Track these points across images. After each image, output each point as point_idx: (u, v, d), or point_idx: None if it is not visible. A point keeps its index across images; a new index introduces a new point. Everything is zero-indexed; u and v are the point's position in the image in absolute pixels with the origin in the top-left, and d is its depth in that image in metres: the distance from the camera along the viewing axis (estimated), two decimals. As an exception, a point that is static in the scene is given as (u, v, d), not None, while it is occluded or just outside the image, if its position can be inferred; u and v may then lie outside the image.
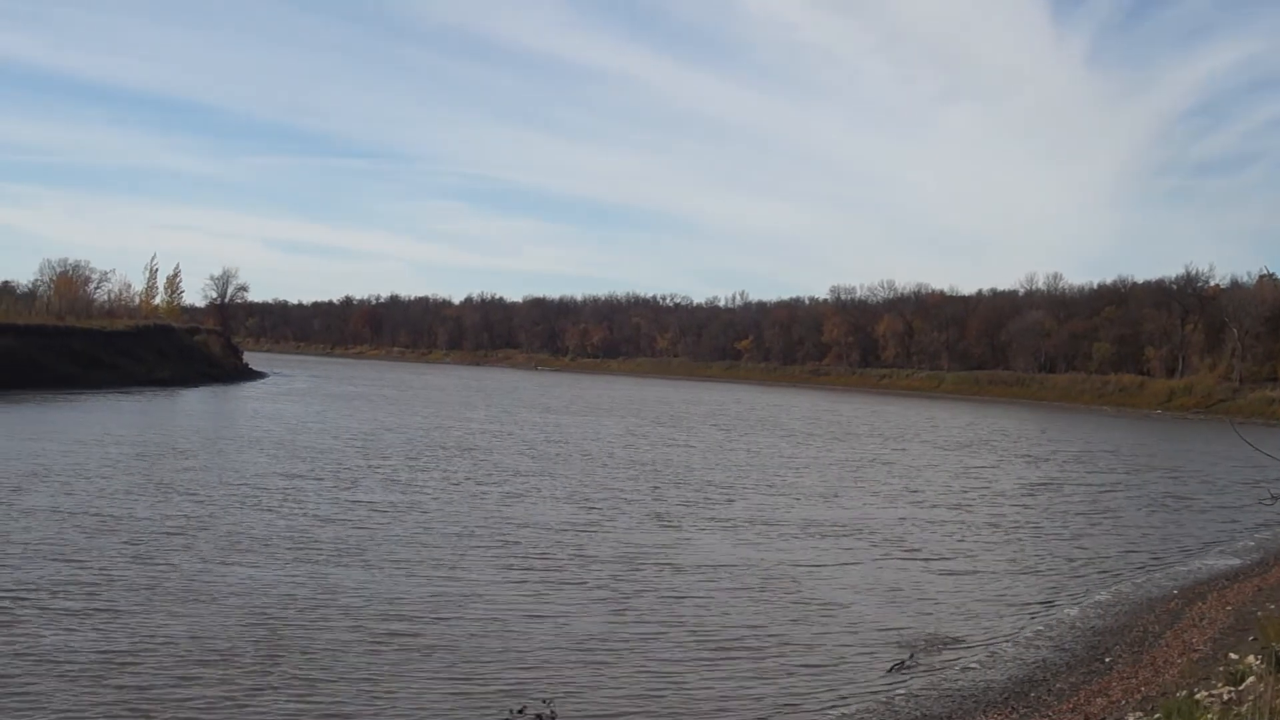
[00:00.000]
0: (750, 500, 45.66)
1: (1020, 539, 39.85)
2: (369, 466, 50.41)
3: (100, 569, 27.21)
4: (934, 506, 46.99)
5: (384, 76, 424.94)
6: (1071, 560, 36.00)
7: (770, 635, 24.64)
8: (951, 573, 32.89)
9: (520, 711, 12.63)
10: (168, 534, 32.02)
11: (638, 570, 30.45)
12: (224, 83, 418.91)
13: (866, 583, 30.73)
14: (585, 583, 28.73)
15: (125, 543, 30.39)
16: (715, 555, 33.24)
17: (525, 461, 56.47)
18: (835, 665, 22.60)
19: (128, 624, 22.48)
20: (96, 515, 34.45)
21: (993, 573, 33.25)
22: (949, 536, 39.36)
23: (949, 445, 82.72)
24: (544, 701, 13.68)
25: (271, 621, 23.27)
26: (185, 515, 35.18)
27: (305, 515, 36.56)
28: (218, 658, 20.64)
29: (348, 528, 34.64)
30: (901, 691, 20.94)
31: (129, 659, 20.29)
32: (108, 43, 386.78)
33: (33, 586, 25.15)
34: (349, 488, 43.35)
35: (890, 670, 22.36)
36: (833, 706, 20.01)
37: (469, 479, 48.03)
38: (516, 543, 33.59)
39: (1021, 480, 59.75)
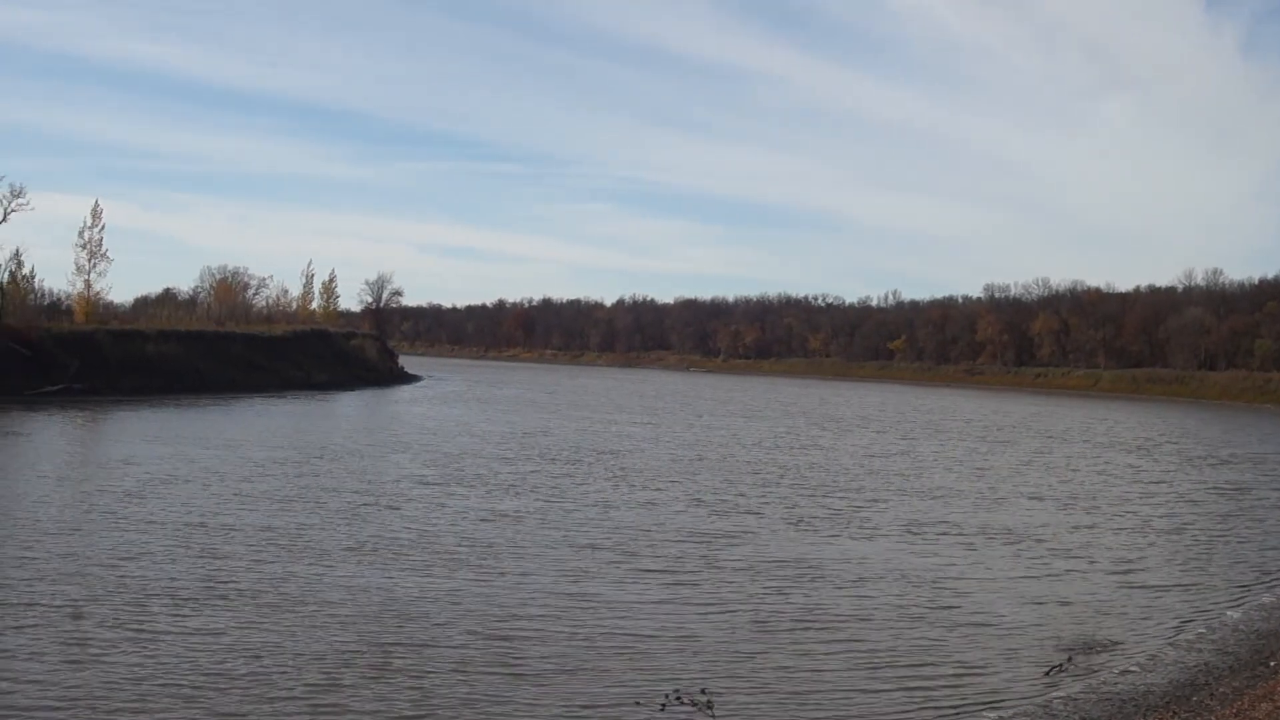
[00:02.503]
0: (900, 503, 44.77)
1: (1180, 541, 38.31)
2: (513, 471, 50.58)
3: (233, 569, 27.70)
4: (1091, 508, 45.45)
5: (533, 81, 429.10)
6: (1234, 563, 34.44)
7: (922, 638, 24.19)
8: (1109, 576, 31.78)
9: (677, 699, 12.59)
10: (302, 536, 32.53)
11: (786, 573, 29.99)
12: (377, 90, 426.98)
13: (1021, 586, 29.91)
14: (734, 584, 28.45)
15: (258, 545, 30.89)
16: (864, 559, 32.58)
17: (673, 465, 56.32)
18: (990, 669, 22.06)
19: (257, 625, 22.79)
20: (233, 516, 35.22)
21: (1151, 575, 32.02)
22: (1106, 539, 38.02)
23: (1107, 445, 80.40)
24: (701, 691, 13.52)
25: (426, 618, 23.53)
26: (322, 518, 35.70)
27: (447, 518, 36.98)
28: (374, 658, 20.88)
29: (487, 530, 34.83)
30: (1059, 695, 20.33)
31: (255, 659, 20.51)
32: (264, 53, 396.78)
33: (160, 586, 25.62)
34: (491, 491, 43.58)
35: (1047, 674, 21.69)
36: (989, 709, 19.58)
37: (615, 481, 48.02)
38: (660, 546, 33.44)
39: (1181, 480, 57.61)
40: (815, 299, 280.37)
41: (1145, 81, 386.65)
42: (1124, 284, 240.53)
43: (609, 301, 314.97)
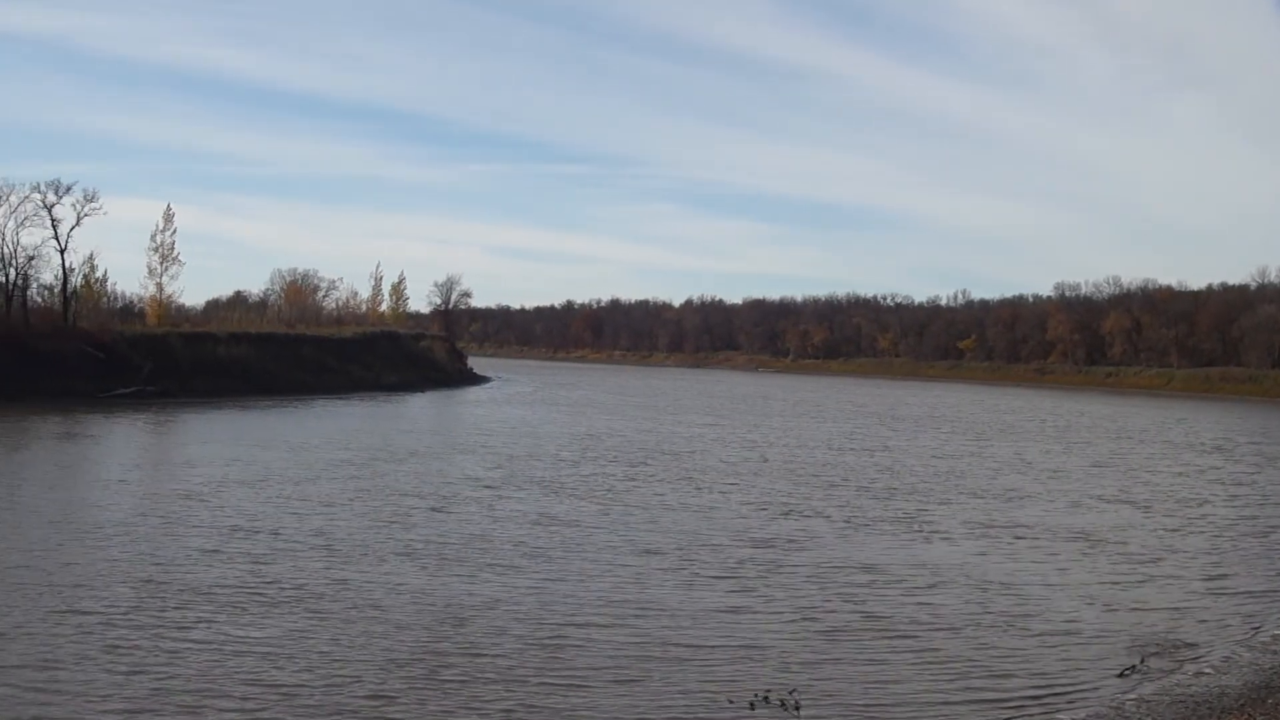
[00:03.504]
0: (973, 506, 44.17)
1: (1260, 544, 37.49)
2: (577, 473, 50.66)
3: (287, 573, 27.76)
4: (1168, 511, 44.55)
5: (600, 82, 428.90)
6: (1315, 564, 33.75)
7: (993, 639, 23.95)
8: (1186, 578, 31.15)
9: (765, 700, 12.51)
10: (358, 539, 32.61)
11: (856, 578, 29.64)
12: (445, 93, 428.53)
13: (1095, 589, 29.36)
14: (803, 590, 28.13)
15: (314, 548, 30.97)
16: (935, 562, 32.13)
17: (739, 466, 56.08)
18: (1062, 670, 21.76)
19: (308, 632, 22.81)
20: (291, 520, 35.46)
21: (1230, 578, 31.33)
22: (1183, 541, 37.21)
23: (1184, 446, 78.95)
24: (790, 692, 13.45)
25: (483, 623, 23.55)
26: (380, 521, 35.76)
27: (506, 521, 37.10)
28: (455, 658, 20.92)
29: (547, 534, 34.80)
30: (1132, 697, 20.04)
31: (305, 666, 20.52)
32: (333, 57, 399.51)
33: (213, 590, 25.74)
34: (553, 493, 43.60)
35: (1120, 675, 21.41)
36: (1061, 710, 19.38)
37: (679, 484, 47.93)
38: (724, 550, 33.22)
39: (1257, 482, 56.49)
40: (884, 299, 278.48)
41: (1217, 79, 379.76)
42: (1196, 282, 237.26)
43: (677, 302, 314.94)
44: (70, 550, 29.26)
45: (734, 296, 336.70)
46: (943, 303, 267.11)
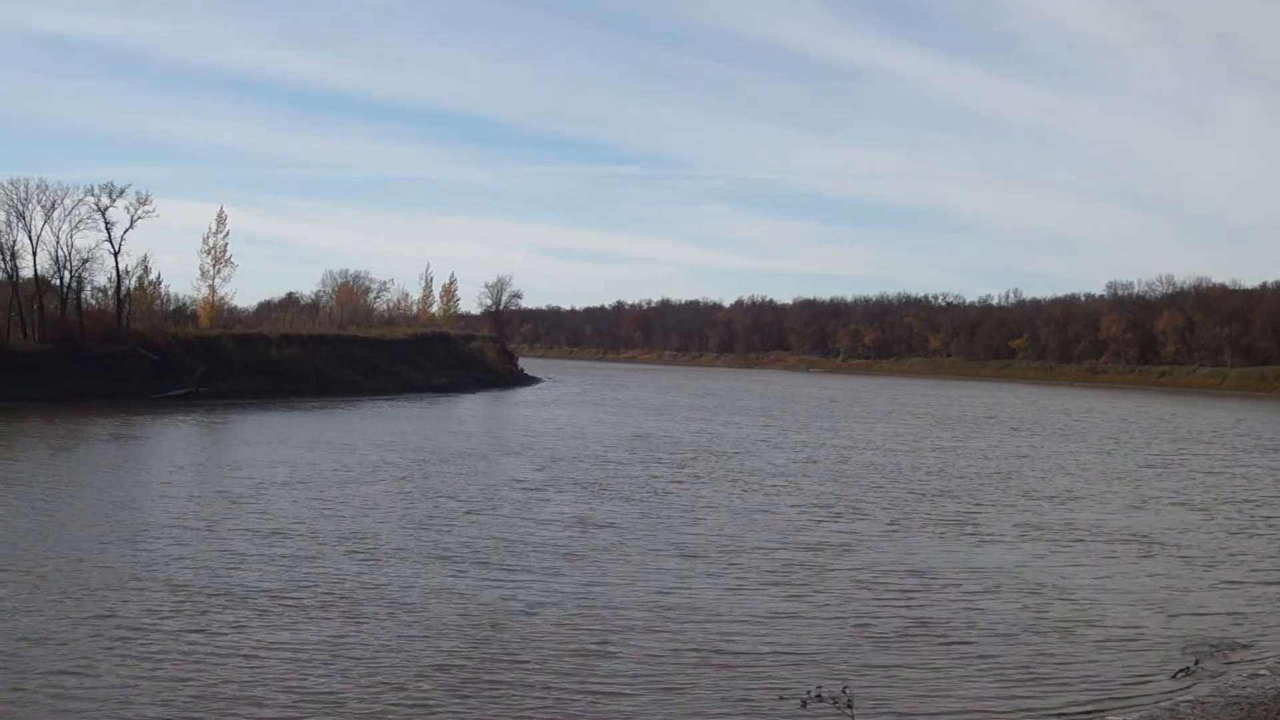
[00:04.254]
0: (1023, 506, 43.77)
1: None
2: (625, 475, 50.71)
3: (327, 575, 27.89)
4: (1223, 512, 43.90)
5: (650, 83, 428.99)
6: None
7: (1047, 639, 23.92)
8: (1237, 580, 30.78)
9: (818, 697, 12.76)
10: (403, 540, 32.79)
11: (908, 581, 29.40)
12: (495, 95, 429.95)
13: (1145, 588, 29.14)
14: (855, 593, 27.93)
15: (357, 550, 31.10)
16: (990, 563, 31.91)
17: (789, 468, 55.83)
18: (1116, 671, 21.69)
19: (347, 635, 22.83)
20: (336, 521, 35.74)
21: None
22: (1240, 543, 36.65)
23: (1245, 448, 77.88)
24: (843, 689, 13.35)
25: (526, 625, 23.55)
26: (424, 522, 35.91)
27: (551, 522, 37.16)
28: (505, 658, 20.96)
29: (592, 536, 34.81)
30: (1187, 698, 19.94)
31: (343, 671, 20.52)
32: (384, 60, 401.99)
33: (255, 592, 25.84)
34: (601, 495, 43.70)
35: (1174, 676, 21.33)
36: (1116, 712, 19.30)
37: (728, 485, 47.81)
38: (773, 553, 33.11)
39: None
40: (935, 298, 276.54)
41: (1272, 75, 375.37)
42: (1250, 280, 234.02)
43: (727, 302, 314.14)
44: (112, 553, 29.47)
45: (784, 296, 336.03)
46: (994, 302, 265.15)
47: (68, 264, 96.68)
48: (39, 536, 31.60)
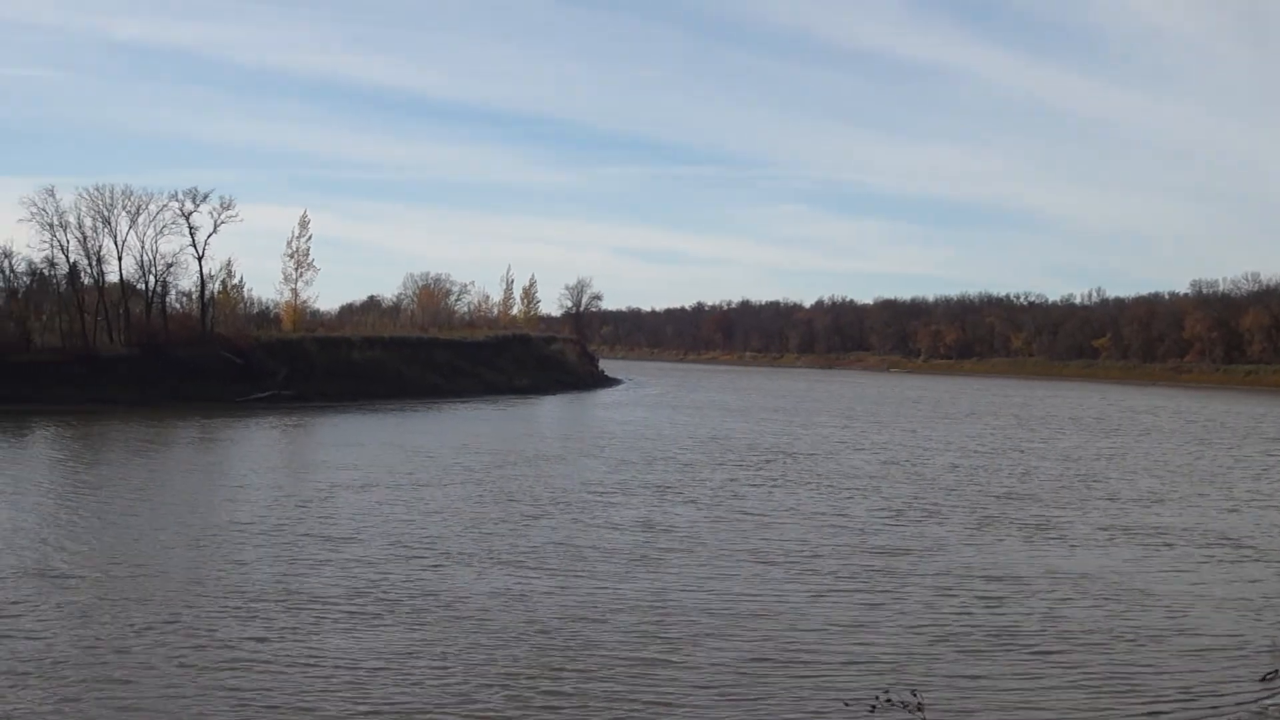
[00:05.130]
0: (1107, 509, 42.84)
1: None
2: (703, 477, 50.45)
3: (399, 577, 27.96)
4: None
5: (728, 84, 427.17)
6: None
7: (1129, 644, 23.47)
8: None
9: (888, 699, 12.22)
10: (477, 543, 32.83)
11: (989, 583, 28.98)
12: (574, 97, 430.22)
13: (1234, 593, 28.41)
14: (932, 597, 27.53)
15: (430, 552, 31.22)
16: (1071, 567, 31.27)
17: (868, 469, 55.27)
18: (1202, 676, 21.26)
19: (416, 638, 22.83)
20: (410, 524, 35.80)
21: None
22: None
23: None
24: (912, 693, 13.06)
25: (600, 628, 23.43)
26: (499, 524, 35.96)
27: (627, 525, 37.01)
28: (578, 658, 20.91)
29: (667, 538, 34.76)
30: (1275, 703, 19.56)
31: (410, 674, 20.50)
32: (463, 63, 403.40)
33: (328, 595, 25.98)
34: (677, 497, 43.55)
35: (1262, 680, 20.82)
36: (1203, 717, 18.99)
37: (805, 487, 47.37)
38: (850, 556, 32.77)
39: None
40: (1017, 297, 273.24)
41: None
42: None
43: (808, 303, 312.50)
44: (179, 558, 29.71)
45: (865, 297, 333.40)
46: (1077, 301, 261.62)
47: (153, 269, 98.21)
48: (111, 540, 32.00)
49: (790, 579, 28.77)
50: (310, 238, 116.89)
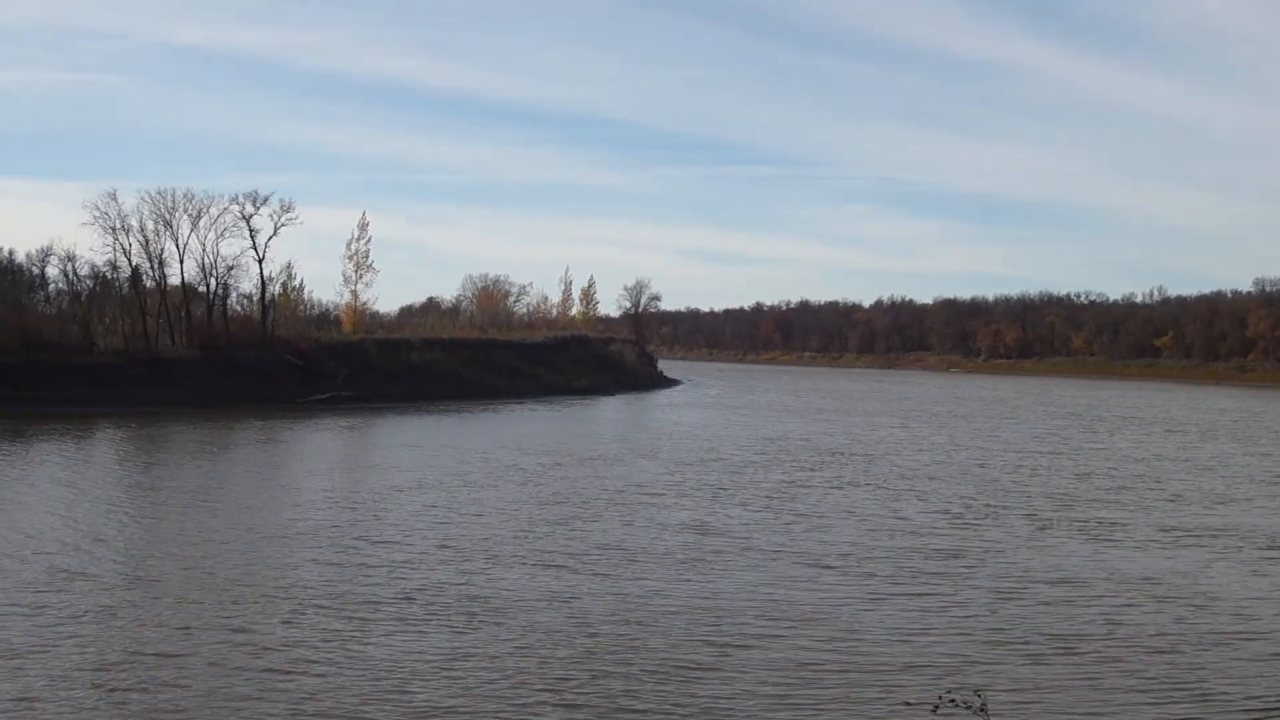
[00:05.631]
0: (1171, 510, 42.25)
1: None
2: (759, 479, 50.29)
3: (448, 578, 27.95)
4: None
5: (786, 83, 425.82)
6: None
7: (1193, 650, 23.07)
8: None
9: (951, 700, 12.49)
10: (530, 544, 32.82)
11: (1050, 587, 28.56)
12: (631, 97, 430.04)
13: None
14: (989, 596, 27.33)
15: (486, 554, 31.11)
16: (1131, 570, 30.78)
17: (926, 470, 54.77)
18: (1270, 681, 20.92)
19: (464, 640, 22.79)
20: (461, 525, 35.83)
21: None
22: None
23: None
24: (975, 693, 12.79)
25: (653, 631, 23.32)
26: (552, 526, 35.81)
27: (679, 527, 36.91)
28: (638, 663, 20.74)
29: (721, 540, 34.57)
30: None
31: (458, 677, 20.46)
32: (518, 65, 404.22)
33: (380, 597, 25.96)
34: (731, 499, 43.39)
35: None
36: None
37: (862, 489, 47.16)
38: (910, 555, 32.52)
39: None
40: (1077, 296, 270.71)
41: None
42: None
43: (867, 302, 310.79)
44: (230, 560, 29.75)
45: (924, 296, 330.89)
46: (1138, 300, 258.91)
47: (214, 271, 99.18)
48: (165, 542, 32.22)
49: (845, 582, 28.48)
50: (369, 239, 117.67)
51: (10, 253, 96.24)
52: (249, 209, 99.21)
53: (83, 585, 26.27)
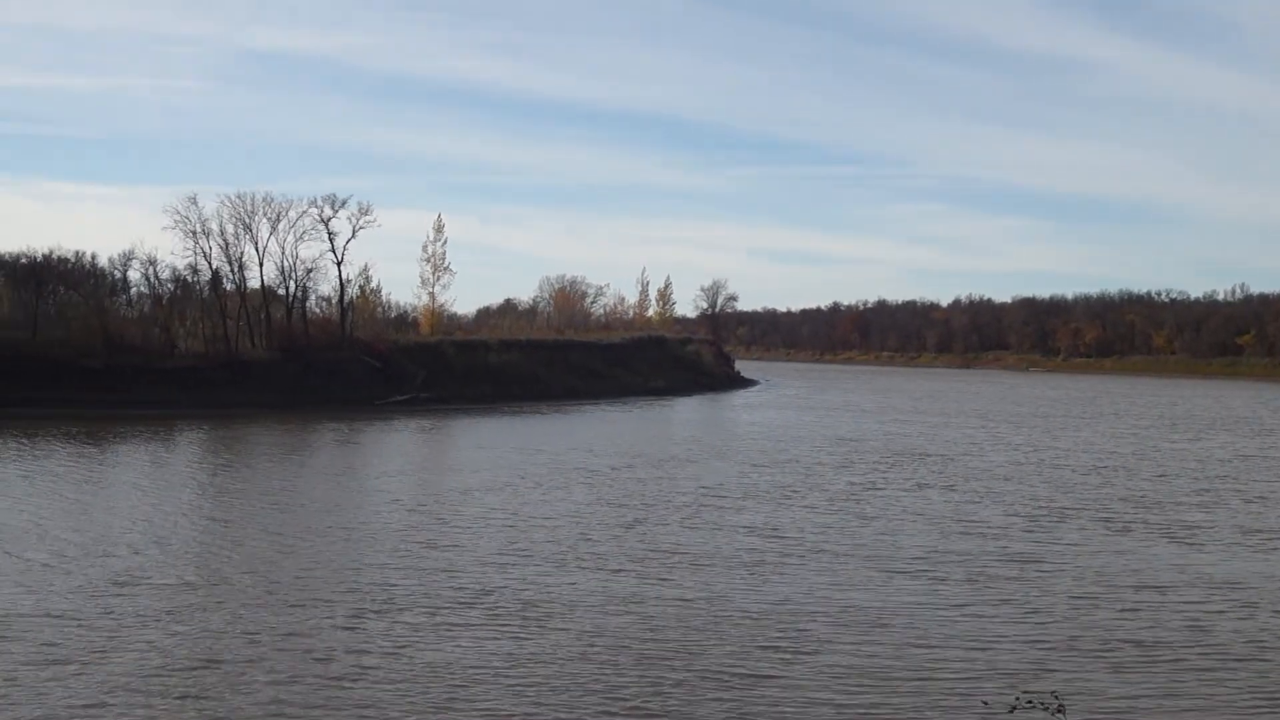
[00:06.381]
0: (1257, 512, 41.48)
1: None
2: (833, 479, 50.06)
3: (522, 582, 27.82)
4: None
5: (860, 82, 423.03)
6: None
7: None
8: None
9: (1028, 702, 12.44)
10: (596, 547, 32.64)
11: (1134, 589, 28.12)
12: (706, 98, 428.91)
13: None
14: (1066, 599, 26.90)
15: (552, 557, 31.03)
16: (1212, 574, 30.13)
17: (1001, 471, 54.18)
18: None
19: (533, 645, 22.55)
20: (531, 528, 35.67)
21: None
22: None
23: None
24: (1053, 694, 12.35)
25: (724, 632, 23.17)
26: (622, 528, 35.66)
27: (748, 528, 36.64)
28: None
29: (791, 542, 34.33)
30: None
31: (526, 677, 20.42)
32: (593, 66, 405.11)
33: (440, 598, 26.07)
34: (802, 500, 43.20)
35: None
36: None
37: (936, 489, 46.72)
38: (985, 557, 32.01)
39: None
40: (1158, 295, 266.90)
41: None
42: None
43: (945, 302, 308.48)
44: (296, 563, 29.84)
45: (1003, 295, 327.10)
46: (1220, 298, 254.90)
47: (293, 274, 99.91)
48: (234, 544, 32.36)
49: (917, 586, 28.08)
50: (446, 241, 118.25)
51: (93, 257, 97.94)
52: (327, 212, 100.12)
53: (150, 588, 26.42)
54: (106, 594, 25.57)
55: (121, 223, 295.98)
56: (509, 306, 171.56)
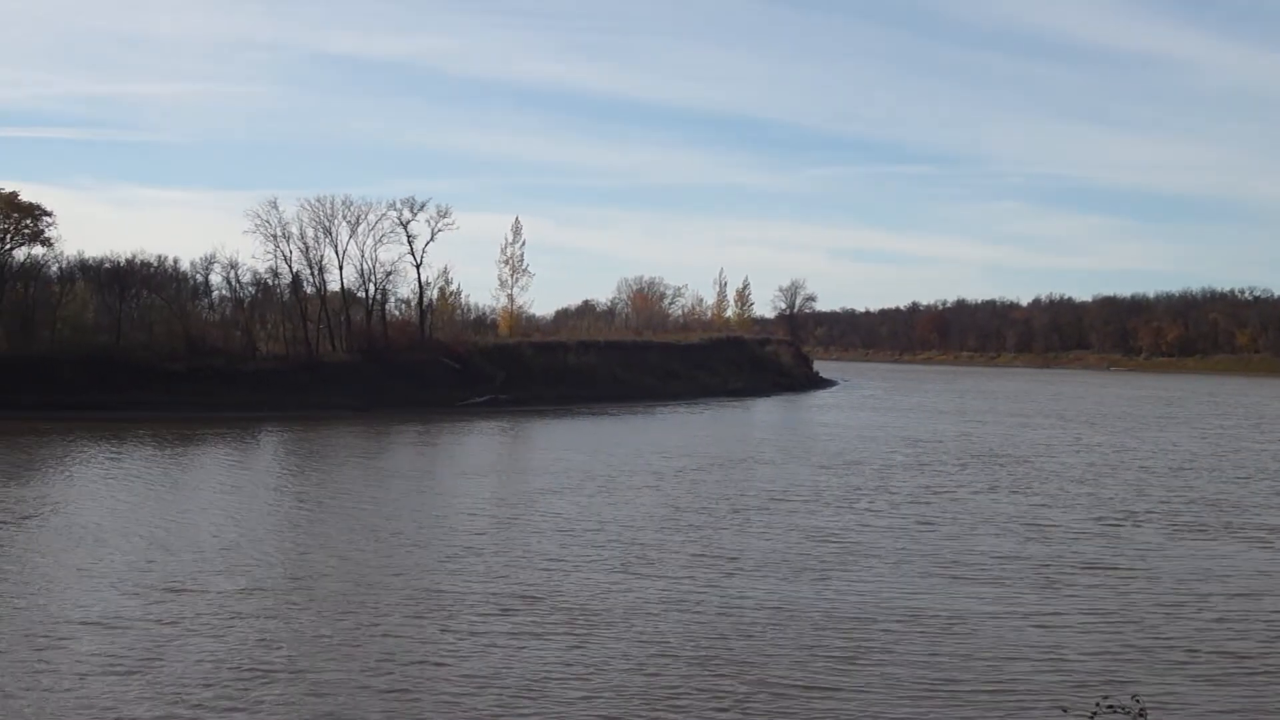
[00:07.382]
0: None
1: None
2: (908, 481, 49.62)
3: (582, 584, 27.86)
4: None
5: (937, 80, 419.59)
6: None
7: None
8: None
9: (1109, 706, 12.23)
10: (660, 551, 32.42)
11: (1214, 594, 27.68)
12: (782, 98, 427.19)
13: None
14: (1141, 602, 26.56)
15: (614, 560, 30.90)
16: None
17: (1078, 473, 53.29)
18: None
19: (585, 648, 22.44)
20: (596, 530, 35.53)
21: None
22: None
23: None
24: (1134, 698, 11.89)
25: (788, 634, 23.04)
26: (690, 530, 35.61)
27: (818, 530, 36.43)
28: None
29: (865, 543, 33.99)
30: None
31: (578, 678, 20.40)
32: (669, 67, 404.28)
33: (498, 597, 26.20)
34: (874, 502, 42.89)
35: None
36: None
37: (1011, 492, 46.07)
38: (1058, 562, 31.49)
39: None
40: (1241, 292, 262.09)
41: None
42: None
43: (1024, 301, 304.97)
44: (362, 566, 29.99)
45: (1083, 294, 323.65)
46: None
47: (372, 277, 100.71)
48: (308, 546, 32.86)
49: (988, 591, 27.69)
50: (524, 244, 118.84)
51: (175, 261, 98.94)
52: (406, 215, 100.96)
53: (213, 594, 26.50)
54: (165, 599, 25.73)
55: (203, 227, 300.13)
56: (587, 308, 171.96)
